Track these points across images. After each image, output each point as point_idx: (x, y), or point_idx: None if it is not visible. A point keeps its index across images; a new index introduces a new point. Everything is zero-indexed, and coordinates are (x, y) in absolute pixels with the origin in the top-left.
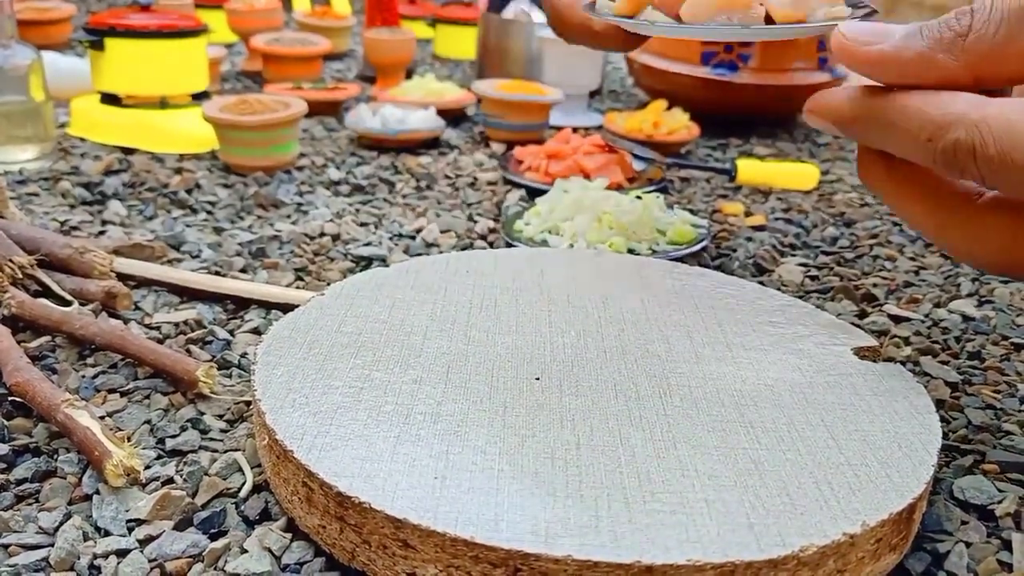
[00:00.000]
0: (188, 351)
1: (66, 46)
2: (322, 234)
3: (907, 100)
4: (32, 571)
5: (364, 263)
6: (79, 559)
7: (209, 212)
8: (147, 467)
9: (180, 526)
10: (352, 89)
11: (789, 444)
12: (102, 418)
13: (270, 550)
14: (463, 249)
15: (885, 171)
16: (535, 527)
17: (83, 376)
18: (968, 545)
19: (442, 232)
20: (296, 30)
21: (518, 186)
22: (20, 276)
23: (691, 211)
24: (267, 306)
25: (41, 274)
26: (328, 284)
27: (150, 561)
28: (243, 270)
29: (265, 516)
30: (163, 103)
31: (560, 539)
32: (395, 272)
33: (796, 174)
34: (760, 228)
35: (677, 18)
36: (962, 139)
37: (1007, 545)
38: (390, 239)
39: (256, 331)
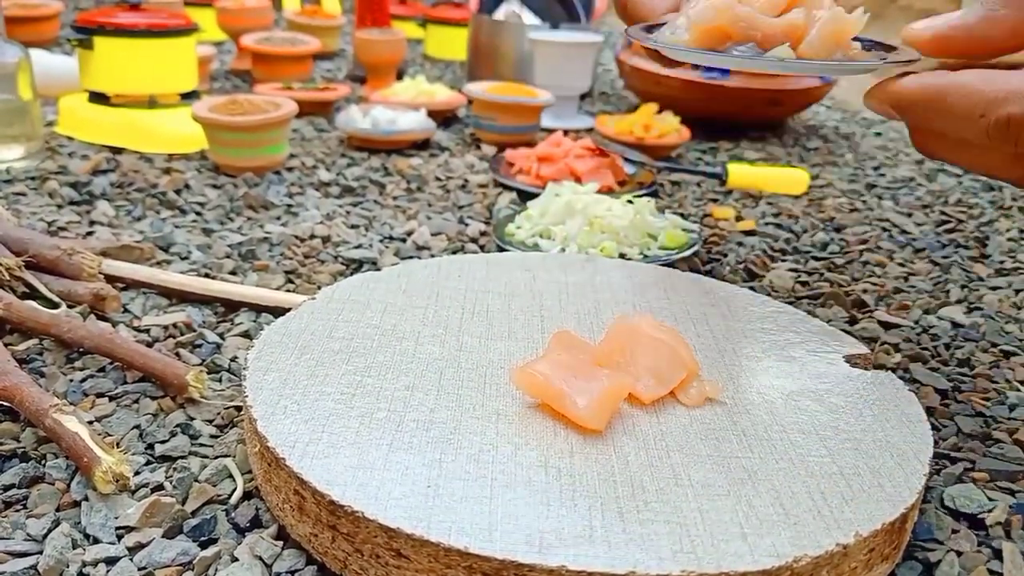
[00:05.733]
0: (177, 355)
1: (54, 43)
2: (312, 236)
3: (964, 77)
4: None
5: (355, 266)
6: (68, 567)
7: (198, 213)
8: (136, 473)
9: (170, 533)
10: (342, 89)
11: (782, 453)
12: (91, 423)
13: (261, 559)
14: (454, 252)
15: (939, 143)
16: (529, 537)
17: (71, 380)
18: (959, 554)
19: (433, 235)
20: (286, 29)
21: (509, 189)
22: (7, 278)
23: (682, 215)
24: (257, 309)
25: (29, 276)
26: (318, 287)
27: (140, 569)
28: (233, 272)
29: (256, 523)
30: (152, 102)
31: (554, 549)
32: (386, 276)
33: (786, 179)
34: (750, 233)
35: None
36: (1015, 113)
37: (998, 554)
38: (381, 241)
39: (246, 334)
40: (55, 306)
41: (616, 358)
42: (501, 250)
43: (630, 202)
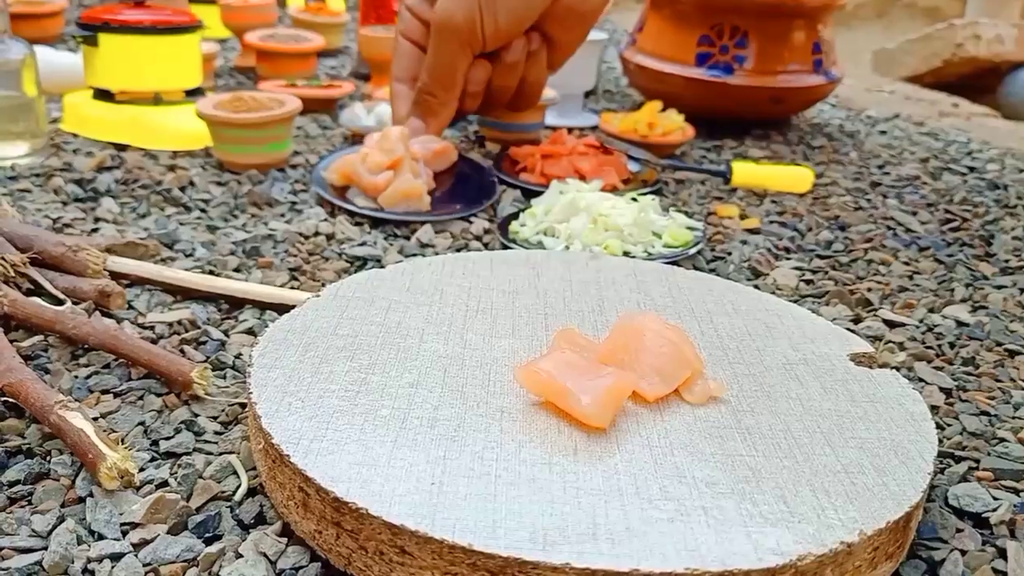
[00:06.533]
0: (182, 351)
1: (59, 40)
2: (316, 233)
3: None
4: (25, 575)
5: (359, 263)
6: (73, 563)
7: (203, 210)
8: (141, 469)
9: (174, 530)
10: (347, 87)
11: (786, 451)
12: (95, 419)
13: (265, 555)
14: (459, 250)
15: None
16: (533, 534)
17: (76, 376)
18: (963, 553)
19: (437, 233)
20: (290, 26)
21: (513, 187)
22: (12, 274)
23: (686, 213)
24: (261, 306)
25: (34, 272)
26: (323, 284)
27: (144, 566)
28: (237, 269)
29: (260, 520)
30: (156, 99)
31: (558, 546)
32: (390, 274)
33: (791, 177)
34: (755, 231)
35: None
36: None
37: (1002, 553)
38: (385, 239)
39: (250, 332)
40: (60, 303)
41: (620, 356)
42: (505, 248)
43: (634, 200)
